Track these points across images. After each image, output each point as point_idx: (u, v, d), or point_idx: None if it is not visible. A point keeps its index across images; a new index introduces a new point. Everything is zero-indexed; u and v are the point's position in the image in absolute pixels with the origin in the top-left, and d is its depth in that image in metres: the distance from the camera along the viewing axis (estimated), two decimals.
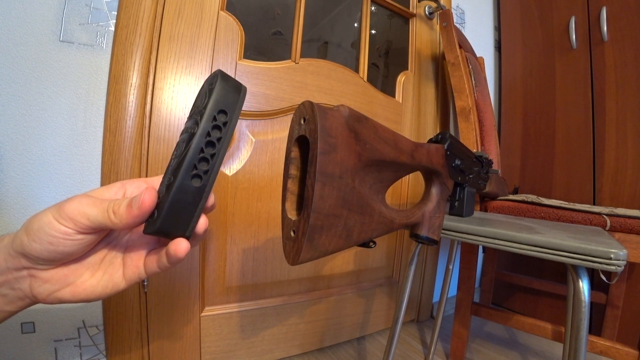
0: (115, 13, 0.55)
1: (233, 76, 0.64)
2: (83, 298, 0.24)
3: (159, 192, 0.22)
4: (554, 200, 0.77)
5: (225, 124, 0.21)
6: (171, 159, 0.23)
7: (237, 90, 0.22)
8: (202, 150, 0.21)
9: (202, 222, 0.23)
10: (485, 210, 0.79)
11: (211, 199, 0.24)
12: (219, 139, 0.21)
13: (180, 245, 0.22)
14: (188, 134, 0.22)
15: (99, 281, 0.24)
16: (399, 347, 0.86)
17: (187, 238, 0.23)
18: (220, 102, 0.21)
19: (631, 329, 0.84)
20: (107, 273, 0.25)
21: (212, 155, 0.21)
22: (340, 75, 0.79)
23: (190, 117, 0.23)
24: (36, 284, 0.22)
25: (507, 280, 1.08)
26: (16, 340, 0.51)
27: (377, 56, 1.01)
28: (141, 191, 0.21)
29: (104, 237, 0.25)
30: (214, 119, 0.21)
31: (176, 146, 0.23)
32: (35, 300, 0.23)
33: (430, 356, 0.81)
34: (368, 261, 0.89)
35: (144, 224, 0.23)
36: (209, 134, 0.21)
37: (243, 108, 0.66)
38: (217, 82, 0.21)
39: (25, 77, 0.49)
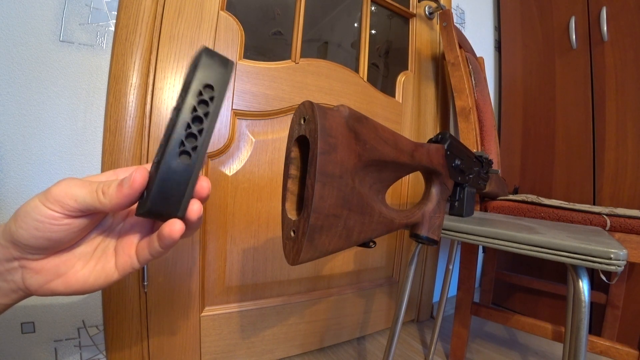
0: (115, 13, 0.55)
1: (233, 76, 0.65)
2: (76, 289, 0.23)
3: (150, 172, 0.22)
4: (554, 200, 0.77)
5: (212, 98, 0.21)
6: (162, 139, 0.22)
7: (223, 64, 0.21)
8: (189, 126, 0.20)
9: (196, 209, 0.22)
10: (485, 210, 0.79)
11: (205, 185, 0.23)
12: (206, 114, 0.20)
13: (174, 226, 0.21)
14: (175, 110, 0.21)
15: (91, 272, 0.24)
16: (399, 347, 0.86)
17: (181, 218, 0.22)
18: (206, 77, 0.20)
19: (631, 329, 0.84)
20: (100, 263, 0.24)
21: (200, 131, 0.21)
22: (340, 75, 0.79)
23: (179, 96, 0.22)
24: (28, 275, 0.22)
25: (507, 280, 1.08)
26: (16, 340, 0.51)
27: (377, 56, 1.01)
28: (132, 171, 0.21)
29: (96, 225, 0.25)
30: (200, 93, 0.20)
31: (166, 125, 0.22)
32: (28, 292, 0.23)
33: (430, 356, 0.81)
34: (368, 261, 0.89)
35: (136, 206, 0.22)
36: (195, 109, 0.20)
37: (243, 108, 0.66)
38: (202, 57, 0.20)
39: (25, 77, 0.49)
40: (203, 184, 0.23)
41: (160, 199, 0.20)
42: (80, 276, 0.23)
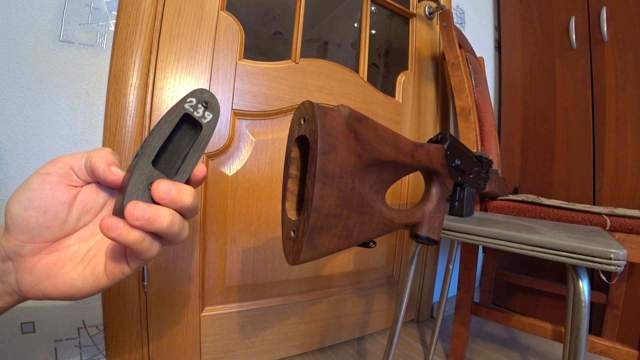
0: (115, 13, 0.55)
1: (233, 76, 0.65)
2: (63, 292, 0.23)
3: None
4: (554, 200, 0.77)
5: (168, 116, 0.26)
6: None
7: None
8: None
9: (164, 189, 0.22)
10: (485, 210, 0.79)
11: (200, 169, 0.26)
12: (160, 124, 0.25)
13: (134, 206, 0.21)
14: None
15: (80, 275, 0.23)
16: (399, 347, 0.86)
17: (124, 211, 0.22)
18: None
19: (631, 329, 0.84)
20: (89, 267, 0.24)
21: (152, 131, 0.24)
22: (340, 75, 0.79)
23: None
24: (20, 275, 0.22)
25: (507, 280, 1.08)
26: (16, 340, 0.51)
27: (377, 56, 1.01)
28: None
29: (84, 208, 0.24)
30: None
31: None
32: (21, 295, 0.23)
33: (430, 356, 0.81)
34: (368, 261, 0.89)
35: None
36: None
37: (243, 108, 0.66)
38: None
39: (25, 77, 0.49)
40: (198, 168, 0.26)
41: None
42: (68, 278, 0.23)
